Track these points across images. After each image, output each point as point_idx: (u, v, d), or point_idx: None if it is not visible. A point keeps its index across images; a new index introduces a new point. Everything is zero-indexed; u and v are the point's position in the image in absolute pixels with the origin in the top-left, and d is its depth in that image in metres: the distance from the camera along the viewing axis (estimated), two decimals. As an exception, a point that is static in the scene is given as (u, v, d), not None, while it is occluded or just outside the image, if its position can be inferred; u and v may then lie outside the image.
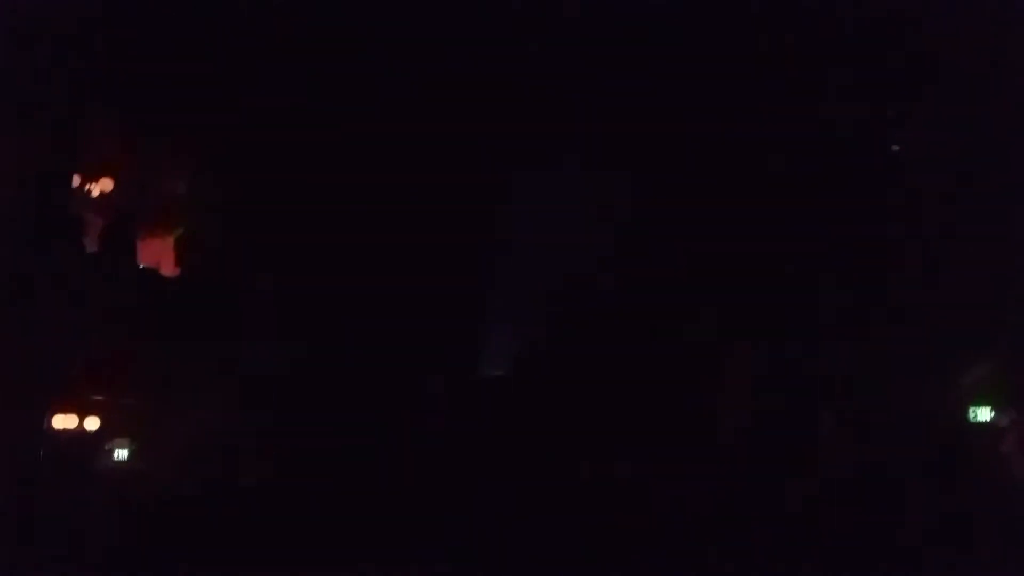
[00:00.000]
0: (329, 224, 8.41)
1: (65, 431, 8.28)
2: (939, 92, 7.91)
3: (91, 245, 8.68)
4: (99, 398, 8.55)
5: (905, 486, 7.63)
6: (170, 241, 9.12)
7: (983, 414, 7.99)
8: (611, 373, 7.96)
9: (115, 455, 8.86)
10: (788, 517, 7.33)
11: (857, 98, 7.95)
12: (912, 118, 8.03)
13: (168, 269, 9.03)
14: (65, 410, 8.25)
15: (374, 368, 8.23)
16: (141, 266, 8.93)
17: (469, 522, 7.50)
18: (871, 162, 8.02)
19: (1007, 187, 7.60)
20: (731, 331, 7.90)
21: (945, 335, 7.76)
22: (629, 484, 7.68)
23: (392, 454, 8.08)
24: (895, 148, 8.09)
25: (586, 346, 8.18)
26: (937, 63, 7.81)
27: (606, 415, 7.85)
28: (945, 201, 7.81)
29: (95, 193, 8.94)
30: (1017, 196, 7.59)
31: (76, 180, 8.74)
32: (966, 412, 8.00)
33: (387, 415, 8.10)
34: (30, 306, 7.92)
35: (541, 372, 8.16)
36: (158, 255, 9.07)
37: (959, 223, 7.77)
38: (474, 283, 8.47)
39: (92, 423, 8.44)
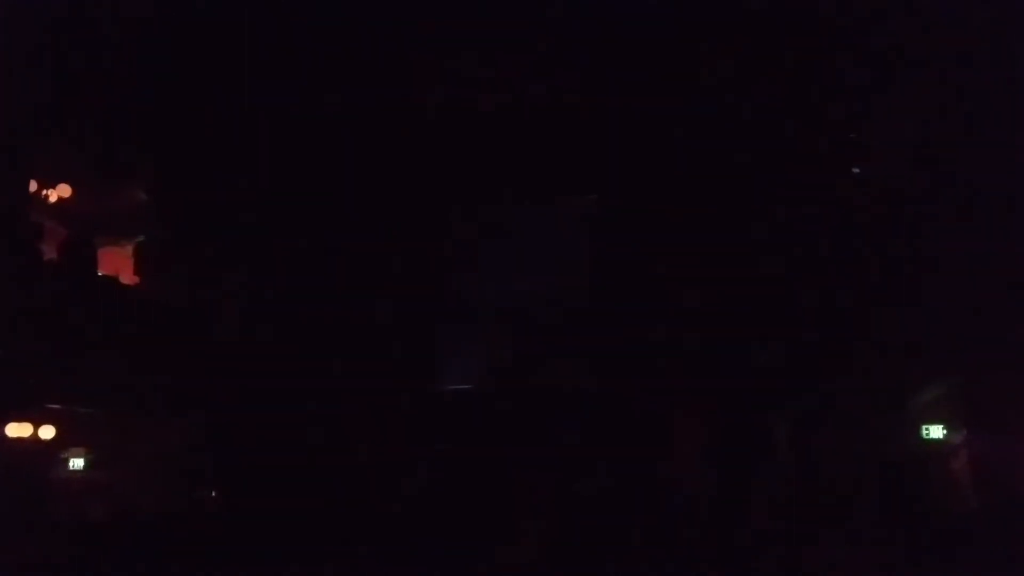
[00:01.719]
0: (291, 239, 8.39)
1: (19, 440, 8.16)
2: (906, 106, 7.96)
3: (49, 252, 8.55)
4: (55, 407, 8.47)
5: (859, 502, 7.73)
6: (130, 249, 9.05)
7: (936, 432, 8.11)
8: (567, 389, 8.02)
9: (71, 464, 8.79)
10: (742, 533, 7.39)
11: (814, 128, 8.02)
12: (878, 141, 8.12)
13: (128, 278, 8.96)
14: (20, 419, 8.13)
15: (333, 382, 8.20)
16: (100, 274, 8.83)
17: (428, 535, 7.51)
18: (824, 186, 8.10)
19: (963, 215, 7.72)
20: (685, 351, 7.95)
21: (900, 357, 7.86)
22: (583, 498, 7.71)
23: (352, 464, 8.07)
24: (856, 171, 8.17)
25: (544, 361, 8.22)
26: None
27: (561, 430, 7.89)
28: (901, 227, 7.91)
29: (53, 200, 8.83)
30: (971, 223, 7.71)
31: (33, 186, 8.61)
32: (919, 430, 8.11)
33: (347, 427, 8.07)
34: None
35: (499, 385, 8.18)
36: (117, 264, 8.99)
37: (916, 249, 7.87)
38: (433, 299, 8.49)
39: (47, 432, 8.35)
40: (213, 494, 8.30)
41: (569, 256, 8.37)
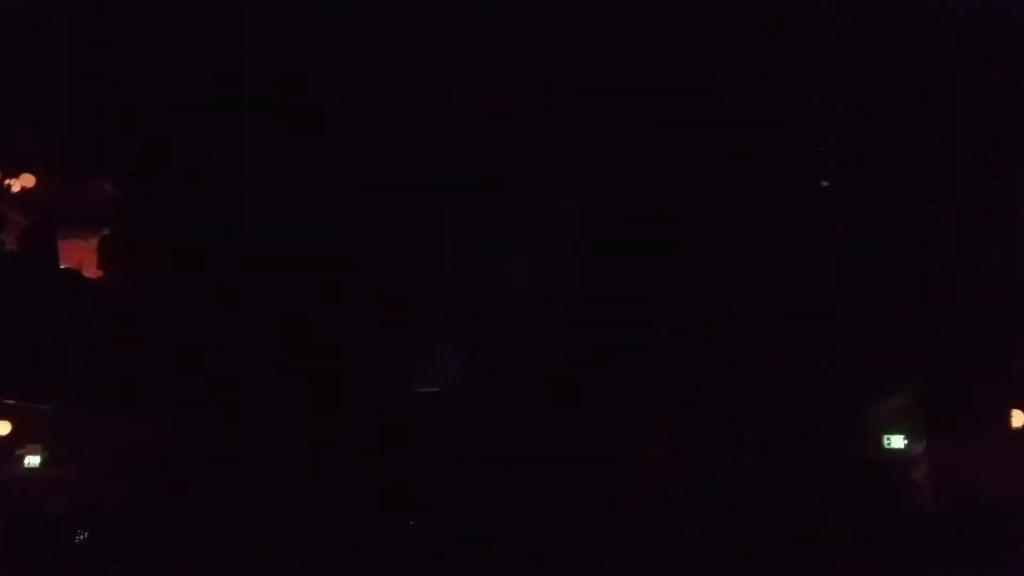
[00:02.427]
0: (260, 233, 8.28)
1: (-26, 436, 7.96)
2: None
3: (10, 243, 8.35)
4: (10, 402, 8.26)
5: (819, 512, 7.83)
6: (94, 242, 8.86)
7: (897, 442, 8.25)
8: (546, 391, 8.02)
9: (26, 461, 8.57)
10: (708, 547, 7.42)
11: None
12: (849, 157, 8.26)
13: (90, 271, 8.77)
14: (-25, 414, 7.93)
15: (303, 381, 8.11)
16: (62, 267, 8.64)
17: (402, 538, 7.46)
18: (795, 201, 8.23)
19: (927, 222, 7.87)
20: (661, 356, 8.01)
21: (861, 365, 7.99)
22: (561, 504, 7.72)
23: (320, 466, 7.98)
24: (824, 184, 8.30)
25: (521, 364, 8.21)
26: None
27: (540, 433, 7.88)
28: (863, 238, 8.05)
29: (15, 189, 8.62)
30: (932, 233, 7.87)
31: (-5, 175, 8.43)
32: (880, 440, 8.24)
33: (318, 427, 7.98)
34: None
35: (474, 388, 8.16)
36: (80, 256, 8.80)
37: (877, 258, 8.02)
38: (411, 300, 8.44)
39: (2, 428, 8.14)
40: (174, 493, 8.13)
41: (552, 257, 8.38)
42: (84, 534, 8.12)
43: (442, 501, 7.72)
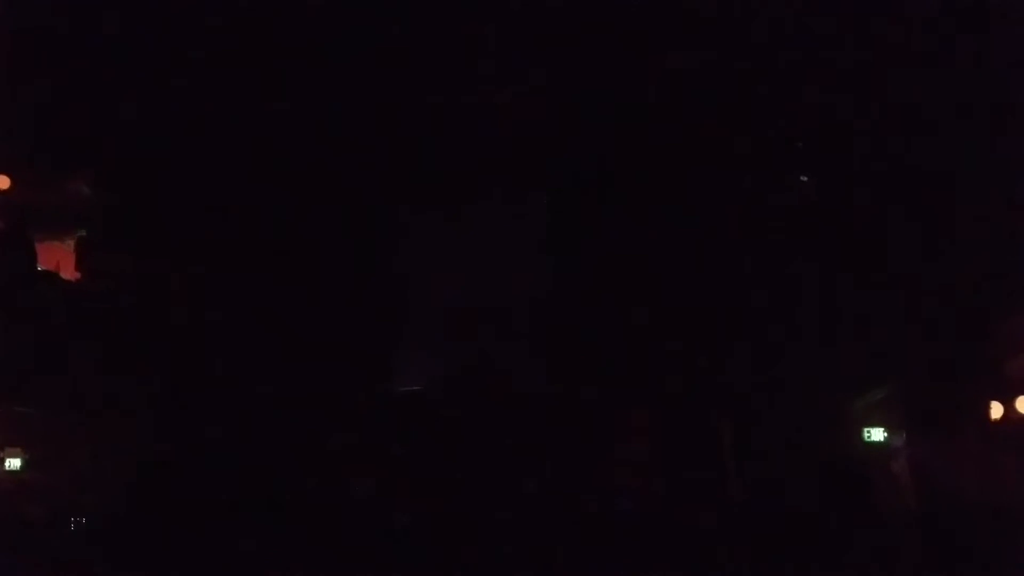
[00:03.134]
0: (240, 236, 8.25)
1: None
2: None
3: (-13, 247, 8.31)
4: (-10, 406, 8.24)
5: (800, 505, 7.86)
6: (71, 244, 8.82)
7: (877, 435, 8.28)
8: (525, 390, 8.04)
9: (6, 464, 8.55)
10: (687, 537, 7.45)
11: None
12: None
13: (68, 273, 8.73)
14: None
15: (282, 381, 8.10)
16: (40, 269, 8.60)
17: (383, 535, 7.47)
18: (772, 191, 8.21)
19: (906, 222, 7.88)
20: (638, 350, 8.01)
21: (842, 361, 8.01)
22: (536, 500, 7.74)
23: (302, 466, 7.99)
24: (804, 179, 8.29)
25: (501, 363, 8.23)
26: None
27: (519, 431, 7.90)
28: (844, 233, 8.05)
29: (-9, 191, 8.56)
30: (912, 230, 7.88)
31: (-31, 178, 8.34)
32: (860, 433, 8.27)
33: (297, 427, 7.98)
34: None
35: (455, 387, 8.17)
36: (58, 258, 8.76)
37: (857, 253, 8.02)
38: (388, 300, 8.43)
39: (-18, 433, 8.13)
40: (153, 495, 8.12)
41: (525, 255, 8.37)
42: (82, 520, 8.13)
43: (425, 499, 7.73)
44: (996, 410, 7.84)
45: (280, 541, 7.42)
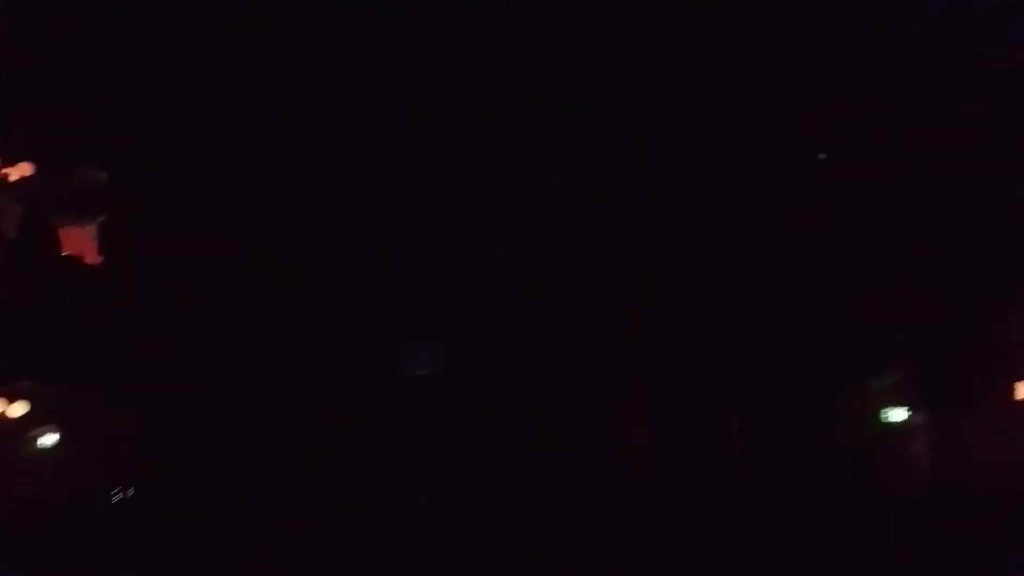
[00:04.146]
0: (255, 222, 8.36)
1: (-11, 418, 8.26)
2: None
3: (11, 232, 8.53)
4: (26, 384, 8.54)
5: (817, 486, 7.80)
6: (92, 229, 9.02)
7: (895, 415, 8.15)
8: (533, 375, 8.07)
9: (40, 443, 8.89)
10: (699, 523, 7.44)
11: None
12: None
13: (91, 258, 8.94)
14: (-11, 396, 8.22)
15: (297, 365, 8.25)
16: (64, 254, 8.82)
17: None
18: (785, 169, 8.03)
19: (923, 200, 7.66)
20: (654, 336, 7.97)
21: (861, 340, 7.86)
22: (548, 485, 7.80)
23: (317, 450, 8.17)
24: (822, 156, 8.08)
25: (508, 346, 8.26)
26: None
27: (528, 414, 7.95)
28: (869, 209, 7.85)
29: (13, 178, 8.76)
30: (940, 207, 7.67)
31: (-7, 165, 8.57)
32: (878, 413, 8.14)
33: (311, 414, 8.15)
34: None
35: (461, 371, 8.24)
36: (81, 243, 8.97)
37: (880, 232, 7.83)
38: (394, 286, 8.49)
39: (18, 409, 8.44)
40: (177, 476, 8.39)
41: (529, 243, 8.35)
42: (121, 493, 8.45)
43: (434, 481, 7.86)
44: (1021, 390, 7.69)
45: (291, 522, 7.59)
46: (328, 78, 8.04)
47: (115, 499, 8.48)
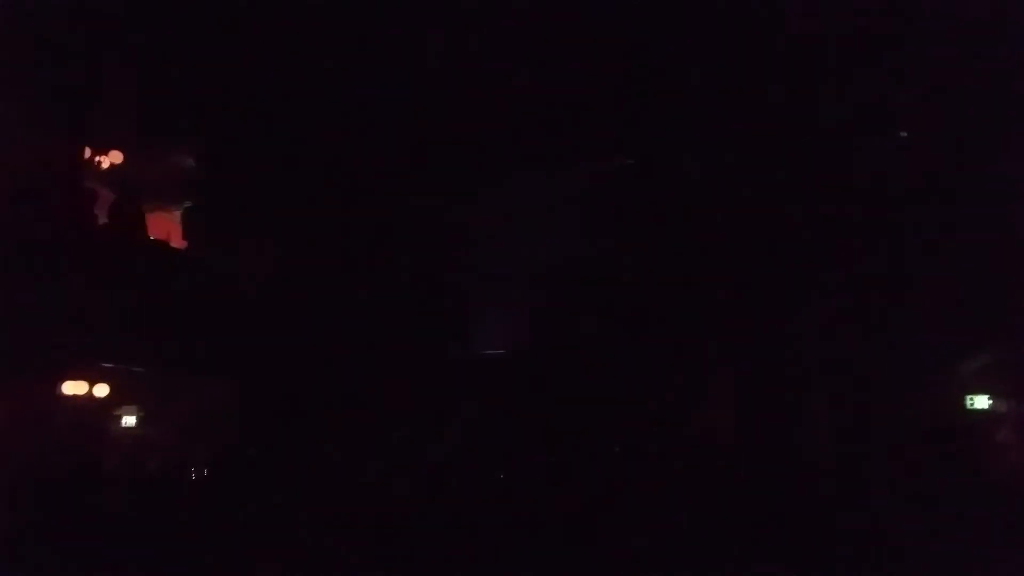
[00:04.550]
0: (329, 205, 8.54)
1: (75, 397, 8.50)
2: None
3: (102, 218, 8.84)
4: (108, 366, 8.79)
5: (902, 473, 7.59)
6: (178, 215, 9.31)
7: (980, 402, 7.92)
8: (599, 355, 8.03)
9: (123, 421, 9.15)
10: (785, 511, 7.28)
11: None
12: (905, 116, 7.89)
13: (177, 242, 9.22)
14: (75, 377, 8.46)
15: (367, 350, 8.36)
16: (151, 239, 9.11)
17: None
18: (865, 157, 7.89)
19: (1004, 182, 7.47)
20: (719, 324, 7.88)
21: (944, 325, 7.67)
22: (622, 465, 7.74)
23: (383, 429, 8.23)
24: (903, 135, 7.94)
25: (576, 325, 8.24)
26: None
27: (597, 395, 7.90)
28: (944, 195, 7.68)
29: (105, 166, 9.10)
30: (1014, 192, 7.46)
31: (87, 153, 8.88)
32: (963, 401, 7.92)
33: (380, 392, 8.22)
34: (41, 276, 8.09)
35: (531, 350, 8.24)
36: (167, 228, 9.26)
37: (957, 217, 7.65)
38: (462, 265, 8.57)
39: (101, 390, 8.69)
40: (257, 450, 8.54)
41: (595, 220, 8.33)
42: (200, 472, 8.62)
43: (499, 460, 7.86)
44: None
45: (364, 497, 7.65)
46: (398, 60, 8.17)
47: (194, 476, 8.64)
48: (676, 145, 8.06)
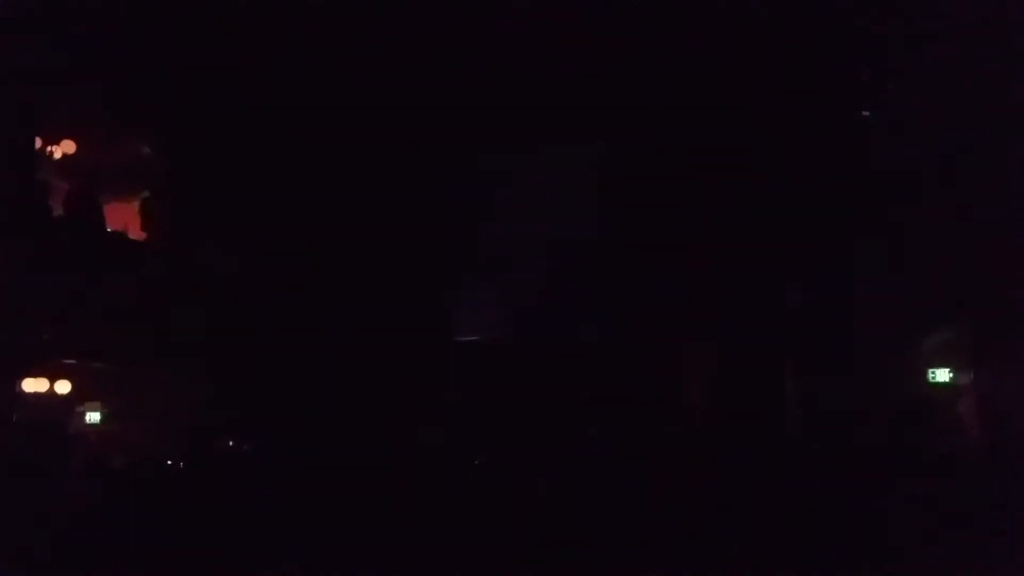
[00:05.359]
0: (301, 189, 8.38)
1: (36, 395, 8.31)
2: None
3: (57, 209, 8.58)
4: (70, 362, 8.60)
5: (866, 445, 7.79)
6: (136, 205, 9.07)
7: (942, 375, 8.15)
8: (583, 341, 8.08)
9: (87, 418, 8.96)
10: (758, 487, 7.42)
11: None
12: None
13: (135, 233, 8.99)
14: (35, 374, 8.26)
15: (345, 335, 8.27)
16: (108, 230, 8.87)
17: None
18: (835, 143, 8.01)
19: (964, 165, 7.65)
20: (700, 303, 7.96)
21: (908, 303, 7.85)
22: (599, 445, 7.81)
23: (367, 416, 8.18)
24: (865, 114, 8.06)
25: (560, 310, 8.27)
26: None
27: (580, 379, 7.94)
28: (909, 178, 7.83)
29: (57, 155, 8.82)
30: (981, 176, 7.64)
31: (37, 143, 8.59)
32: (926, 374, 8.14)
33: (361, 379, 8.16)
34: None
35: (517, 336, 8.25)
36: (125, 219, 9.03)
37: (921, 199, 7.81)
38: (447, 249, 8.49)
39: (63, 387, 8.50)
40: (231, 443, 8.44)
41: (584, 202, 8.33)
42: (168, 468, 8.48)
43: (485, 445, 7.88)
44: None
45: (346, 487, 7.61)
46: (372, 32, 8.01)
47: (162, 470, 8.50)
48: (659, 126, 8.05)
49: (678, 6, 7.67)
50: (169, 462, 8.36)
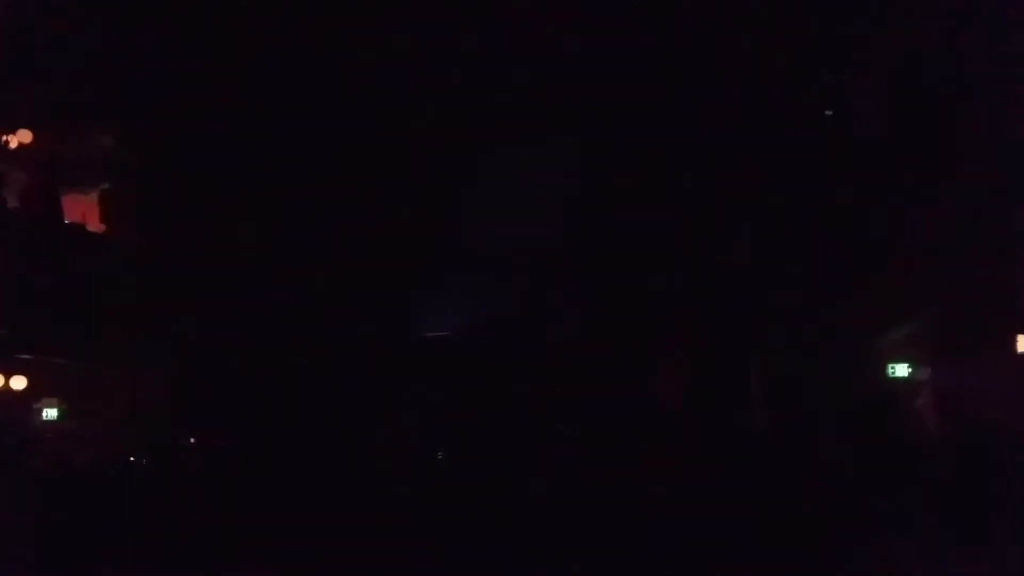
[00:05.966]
0: (264, 185, 8.25)
1: (-9, 390, 8.11)
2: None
3: (12, 201, 8.36)
4: (25, 357, 8.39)
5: (826, 439, 7.93)
6: (95, 196, 8.86)
7: (901, 370, 8.33)
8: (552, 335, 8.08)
9: (44, 414, 8.76)
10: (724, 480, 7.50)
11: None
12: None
13: (94, 225, 8.80)
14: (-9, 370, 8.07)
15: (311, 331, 8.17)
16: (66, 222, 8.67)
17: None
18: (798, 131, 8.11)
19: (927, 162, 7.81)
20: (670, 303, 8.02)
21: (867, 301, 8.00)
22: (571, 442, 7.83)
23: (330, 413, 8.10)
24: (828, 113, 8.18)
25: (529, 307, 8.26)
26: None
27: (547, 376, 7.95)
28: (870, 178, 7.97)
29: (13, 145, 8.58)
30: (942, 172, 7.81)
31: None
32: (885, 369, 8.32)
33: (324, 375, 8.08)
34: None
35: (483, 333, 8.22)
36: (83, 210, 8.82)
37: (883, 197, 7.96)
38: (414, 246, 8.42)
39: (18, 382, 8.29)
40: (192, 440, 8.31)
41: (552, 199, 8.31)
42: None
43: (447, 442, 7.86)
44: (1022, 344, 7.90)
45: (310, 483, 7.54)
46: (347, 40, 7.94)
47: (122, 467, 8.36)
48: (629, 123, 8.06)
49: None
50: (132, 459, 8.20)
